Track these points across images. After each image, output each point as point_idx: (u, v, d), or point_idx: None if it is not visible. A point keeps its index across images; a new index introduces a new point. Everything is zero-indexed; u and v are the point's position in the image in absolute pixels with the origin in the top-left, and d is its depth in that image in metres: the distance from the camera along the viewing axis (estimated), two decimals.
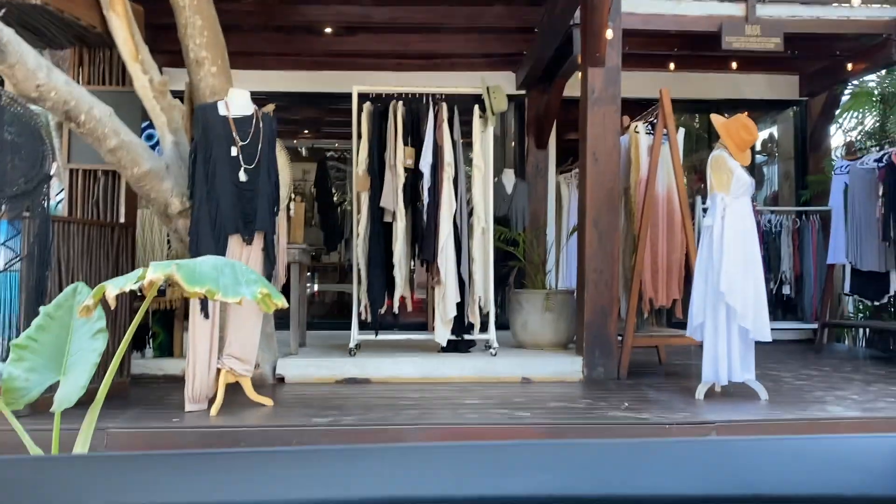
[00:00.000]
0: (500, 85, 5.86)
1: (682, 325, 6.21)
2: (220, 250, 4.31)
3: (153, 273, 1.68)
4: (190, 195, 4.43)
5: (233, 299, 1.73)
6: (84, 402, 2.23)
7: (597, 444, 0.69)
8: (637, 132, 5.77)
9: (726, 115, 4.90)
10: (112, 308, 1.83)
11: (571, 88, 7.34)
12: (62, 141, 4.92)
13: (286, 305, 1.97)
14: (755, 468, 0.67)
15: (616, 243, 5.53)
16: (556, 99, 7.87)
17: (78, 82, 4.74)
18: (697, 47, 7.42)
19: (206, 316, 4.29)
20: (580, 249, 5.69)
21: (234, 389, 4.45)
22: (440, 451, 0.67)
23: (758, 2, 6.87)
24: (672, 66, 7.97)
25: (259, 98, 6.73)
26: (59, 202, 4.91)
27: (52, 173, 4.29)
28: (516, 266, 6.84)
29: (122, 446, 3.68)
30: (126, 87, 4.84)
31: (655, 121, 5.59)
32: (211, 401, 4.27)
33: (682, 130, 5.93)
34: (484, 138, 5.82)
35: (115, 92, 4.85)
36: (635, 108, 6.62)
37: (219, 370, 4.35)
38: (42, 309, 2.01)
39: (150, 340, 5.75)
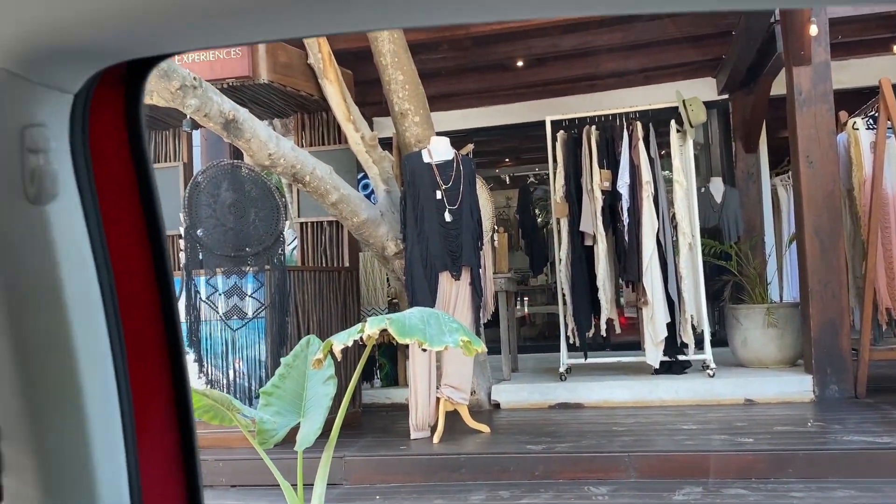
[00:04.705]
0: (697, 96, 5.69)
1: None
2: (432, 287, 4.62)
3: (370, 328, 1.92)
4: (403, 238, 4.81)
5: (438, 347, 1.93)
6: (322, 432, 2.55)
7: None
8: (856, 129, 5.31)
9: None
10: (339, 360, 2.10)
11: (779, 86, 6.92)
12: (292, 198, 5.56)
13: (485, 350, 2.13)
14: None
15: (841, 251, 5.11)
16: (763, 99, 7.43)
17: (301, 145, 5.34)
18: None
19: (424, 349, 4.61)
20: (801, 260, 5.33)
21: (453, 417, 4.72)
22: None
23: None
24: None
25: (460, 135, 7.12)
26: (293, 250, 5.53)
27: (285, 229, 4.88)
28: (731, 280, 6.53)
29: (358, 472, 4.07)
30: (342, 144, 5.37)
31: (877, 114, 5.12)
32: (433, 428, 4.57)
33: None
34: (683, 152, 5.68)
35: (332, 150, 5.40)
36: (853, 100, 6.09)
37: (438, 399, 4.65)
38: (282, 360, 2.35)
39: (378, 371, 6.25)
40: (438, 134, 5.13)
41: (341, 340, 1.98)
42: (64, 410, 0.55)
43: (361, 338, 2.16)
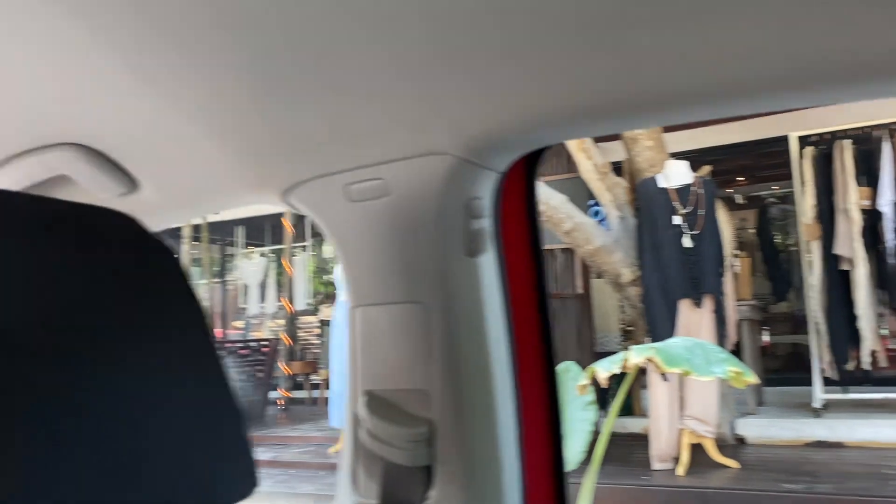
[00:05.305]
0: None
1: None
2: (671, 315, 4.52)
3: (635, 357, 1.96)
4: (639, 265, 4.76)
5: (706, 378, 1.91)
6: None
7: None
8: None
9: None
10: (605, 387, 2.16)
11: None
12: None
13: (757, 381, 2.07)
14: None
15: None
16: None
17: None
18: None
19: (665, 378, 4.51)
20: None
21: (696, 449, 4.54)
22: None
23: None
24: None
25: (691, 156, 6.89)
26: None
27: None
28: None
29: (604, 499, 4.06)
30: (572, 173, 5.45)
31: None
32: (675, 460, 4.43)
33: None
34: None
35: (564, 179, 5.51)
36: None
37: (681, 430, 4.51)
38: None
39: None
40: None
41: (605, 367, 2.03)
42: (481, 420, 0.67)
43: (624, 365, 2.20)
